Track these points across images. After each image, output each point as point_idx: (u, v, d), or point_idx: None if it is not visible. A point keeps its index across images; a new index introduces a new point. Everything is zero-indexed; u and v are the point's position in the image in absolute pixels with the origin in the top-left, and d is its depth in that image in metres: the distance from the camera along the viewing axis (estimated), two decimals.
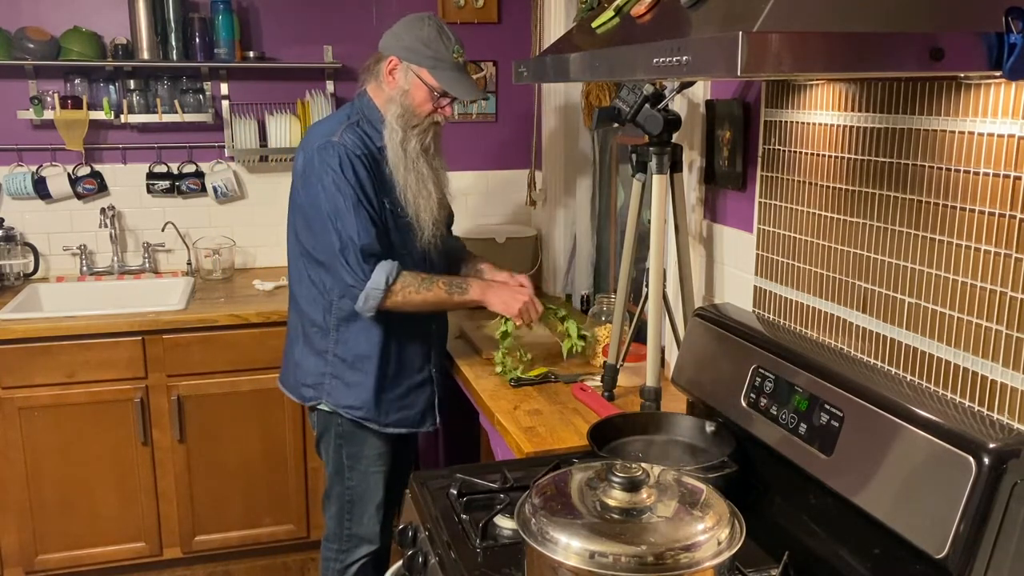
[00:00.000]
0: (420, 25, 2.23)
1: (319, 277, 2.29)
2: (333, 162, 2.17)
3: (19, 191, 3.31)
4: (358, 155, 2.19)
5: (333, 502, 2.45)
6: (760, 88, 1.85)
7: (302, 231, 2.29)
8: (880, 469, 1.30)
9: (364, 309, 2.21)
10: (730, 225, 2.05)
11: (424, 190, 2.27)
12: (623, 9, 1.48)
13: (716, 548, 1.14)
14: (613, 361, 2.17)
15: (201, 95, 3.42)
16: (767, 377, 1.59)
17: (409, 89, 2.23)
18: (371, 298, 2.19)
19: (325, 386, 2.34)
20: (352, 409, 2.32)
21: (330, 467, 2.43)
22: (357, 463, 2.39)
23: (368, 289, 2.18)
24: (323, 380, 2.34)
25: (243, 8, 3.46)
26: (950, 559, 1.16)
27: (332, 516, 2.46)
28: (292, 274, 2.39)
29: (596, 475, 1.26)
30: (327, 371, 2.33)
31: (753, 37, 0.96)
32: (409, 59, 2.22)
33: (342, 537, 2.45)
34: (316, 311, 2.32)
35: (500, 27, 3.30)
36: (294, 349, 2.42)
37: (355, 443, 2.37)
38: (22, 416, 2.90)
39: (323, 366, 2.33)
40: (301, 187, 2.27)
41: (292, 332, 2.45)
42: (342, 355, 2.32)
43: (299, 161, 2.28)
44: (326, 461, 2.46)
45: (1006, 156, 1.26)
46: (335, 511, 2.45)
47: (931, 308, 1.42)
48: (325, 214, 2.18)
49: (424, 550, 1.57)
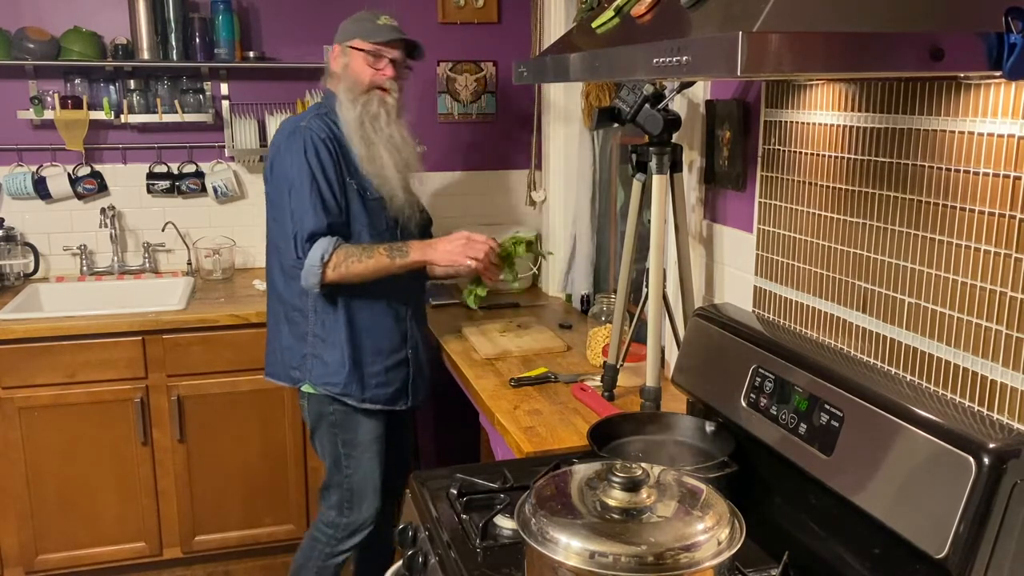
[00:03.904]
0: (356, 14, 2.46)
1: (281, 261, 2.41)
2: (296, 146, 2.30)
3: (19, 191, 3.31)
4: (322, 138, 2.32)
5: (333, 492, 2.51)
6: (760, 88, 1.85)
7: (271, 221, 2.42)
8: (880, 469, 1.30)
9: (308, 286, 2.31)
10: (730, 225, 2.05)
11: (377, 156, 2.37)
12: (623, 9, 1.48)
13: (716, 548, 1.14)
14: (613, 361, 2.17)
15: (201, 95, 3.42)
16: (767, 377, 1.59)
17: (348, 62, 2.40)
18: (311, 275, 2.29)
19: (307, 366, 2.43)
20: (331, 385, 2.40)
21: (328, 459, 2.49)
22: (353, 450, 2.45)
23: (306, 267, 2.28)
24: (305, 361, 2.43)
25: (243, 8, 3.46)
26: (950, 559, 1.16)
27: (333, 505, 2.51)
28: (269, 264, 2.48)
29: (596, 475, 1.26)
30: (308, 351, 2.42)
31: (753, 37, 0.96)
32: (343, 39, 2.42)
33: (340, 526, 2.50)
34: (294, 296, 2.41)
35: (500, 27, 3.30)
36: (280, 336, 2.48)
37: (349, 429, 2.44)
38: (22, 416, 2.90)
39: (304, 347, 2.42)
40: (270, 177, 2.39)
41: (273, 321, 2.52)
42: (320, 334, 2.41)
43: (270, 154, 2.40)
44: (322, 455, 2.51)
45: (1006, 156, 1.26)
46: (335, 500, 2.50)
47: (931, 308, 1.42)
48: (284, 196, 2.31)
49: (424, 550, 1.57)
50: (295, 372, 2.45)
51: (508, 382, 2.31)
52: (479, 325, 2.82)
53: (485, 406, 2.21)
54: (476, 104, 3.37)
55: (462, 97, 3.35)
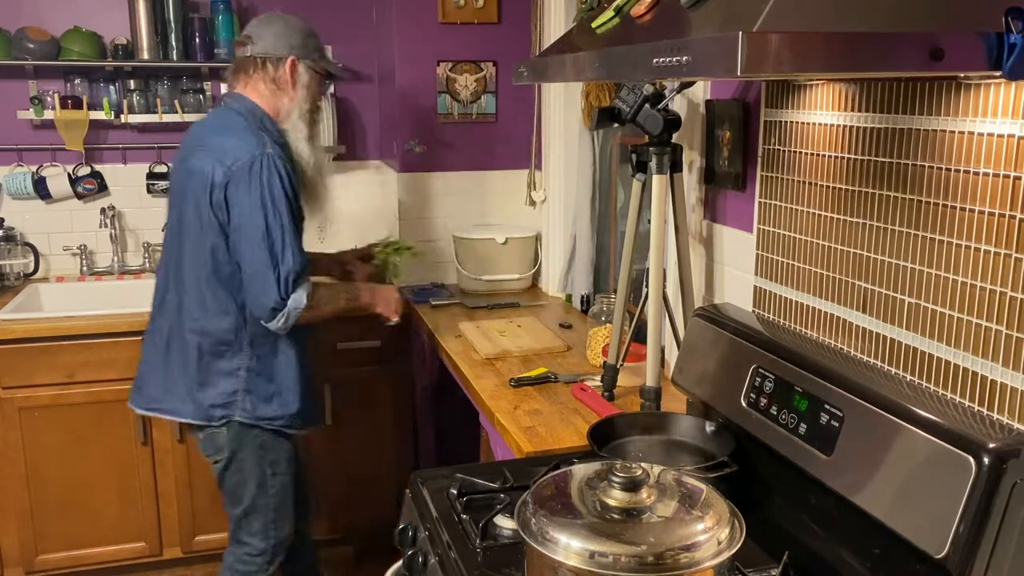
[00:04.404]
0: (290, 21, 2.36)
1: (230, 295, 2.25)
2: (266, 176, 2.15)
3: (19, 191, 3.31)
4: (286, 167, 2.21)
5: (255, 519, 2.41)
6: (760, 88, 1.85)
7: (218, 249, 2.22)
8: (880, 469, 1.30)
9: (282, 327, 2.23)
10: (730, 225, 2.05)
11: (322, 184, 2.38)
12: (623, 9, 1.48)
13: (716, 548, 1.14)
14: (613, 361, 2.17)
15: (201, 95, 3.42)
16: (767, 377, 1.59)
17: (309, 83, 2.32)
18: (291, 317, 2.21)
19: (238, 403, 2.30)
20: (273, 420, 2.33)
21: (249, 484, 2.38)
22: (277, 469, 2.39)
23: (290, 309, 2.20)
24: (235, 398, 2.30)
25: (243, 8, 3.46)
26: (950, 559, 1.16)
27: (256, 532, 2.42)
28: (189, 294, 2.27)
29: (596, 475, 1.26)
30: (239, 388, 2.30)
31: (753, 37, 0.96)
32: (304, 55, 2.32)
33: (267, 550, 2.44)
34: (225, 331, 2.27)
35: (500, 27, 3.30)
36: (192, 373, 2.29)
37: (276, 450, 2.38)
38: (22, 416, 2.91)
39: (234, 383, 2.30)
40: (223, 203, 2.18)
41: (180, 356, 2.30)
42: (258, 370, 2.30)
43: (214, 174, 2.17)
44: (239, 483, 2.38)
45: (1006, 156, 1.26)
46: (259, 527, 2.42)
47: (931, 308, 1.42)
48: (259, 231, 2.15)
49: (424, 550, 1.57)
50: (217, 410, 2.30)
51: (508, 382, 2.31)
52: (479, 325, 2.82)
53: (485, 406, 2.21)
54: (476, 104, 3.37)
55: (462, 97, 3.35)
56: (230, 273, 2.24)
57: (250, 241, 2.17)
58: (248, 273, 2.20)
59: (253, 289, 2.20)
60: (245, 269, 2.20)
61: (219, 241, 2.21)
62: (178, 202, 2.29)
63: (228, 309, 2.26)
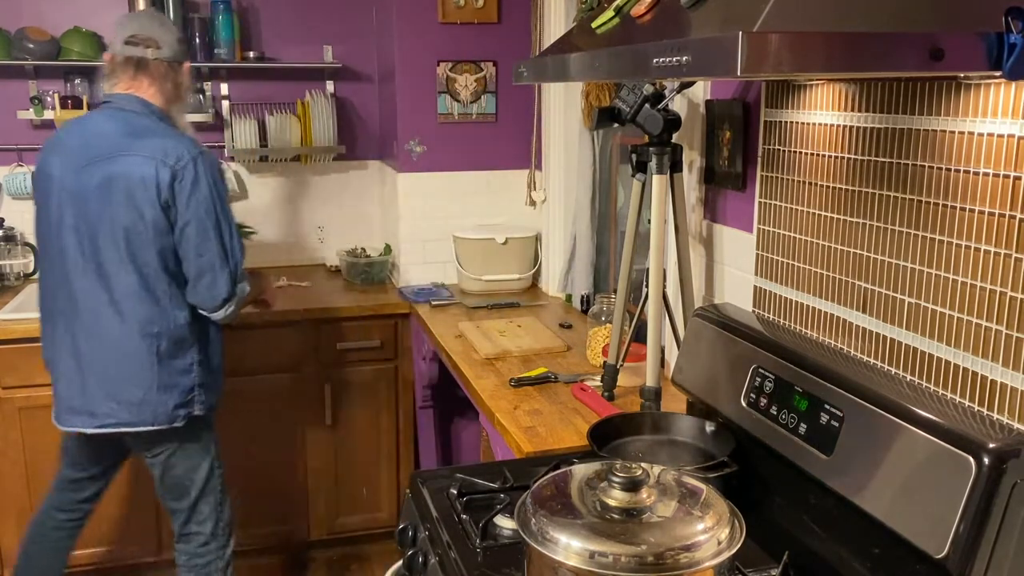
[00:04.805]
0: (163, 19, 2.43)
1: (177, 292, 2.29)
2: (210, 173, 2.26)
3: (19, 191, 3.32)
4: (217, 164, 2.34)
5: (204, 503, 2.46)
6: (760, 88, 1.85)
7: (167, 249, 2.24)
8: (880, 469, 1.30)
9: (230, 316, 2.35)
10: (730, 225, 2.05)
11: None
12: (623, 9, 1.48)
13: (716, 548, 1.14)
14: (613, 361, 2.17)
15: (201, 95, 3.42)
16: (767, 377, 1.59)
17: (190, 83, 2.47)
18: (238, 305, 2.35)
19: (196, 398, 2.36)
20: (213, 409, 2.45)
21: (200, 469, 2.42)
22: (218, 450, 2.49)
23: (238, 297, 2.34)
24: (193, 394, 2.35)
25: (243, 8, 3.46)
26: (950, 559, 1.16)
27: (205, 518, 2.47)
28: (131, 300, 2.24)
29: (596, 475, 1.26)
30: (195, 383, 2.35)
31: (753, 37, 0.96)
32: (187, 57, 2.42)
33: (219, 533, 2.50)
34: (181, 327, 2.30)
35: (500, 27, 3.30)
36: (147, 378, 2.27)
37: (213, 431, 2.49)
38: (22, 416, 2.91)
39: (190, 379, 2.34)
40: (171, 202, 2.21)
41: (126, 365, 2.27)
42: (203, 361, 2.37)
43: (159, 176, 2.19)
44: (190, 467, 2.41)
45: (1006, 156, 1.26)
46: (209, 510, 2.47)
47: (931, 308, 1.42)
48: (211, 226, 2.25)
49: (424, 550, 1.57)
50: (180, 411, 2.32)
51: (508, 382, 2.31)
52: (479, 325, 2.82)
53: (485, 406, 2.21)
54: (476, 104, 3.37)
55: (462, 97, 3.35)
56: (177, 271, 2.28)
57: (202, 236, 2.25)
58: (200, 267, 2.27)
59: (206, 282, 2.28)
60: (196, 263, 2.27)
61: (168, 241, 2.25)
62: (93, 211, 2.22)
63: (182, 306, 2.31)
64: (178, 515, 2.47)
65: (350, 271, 3.48)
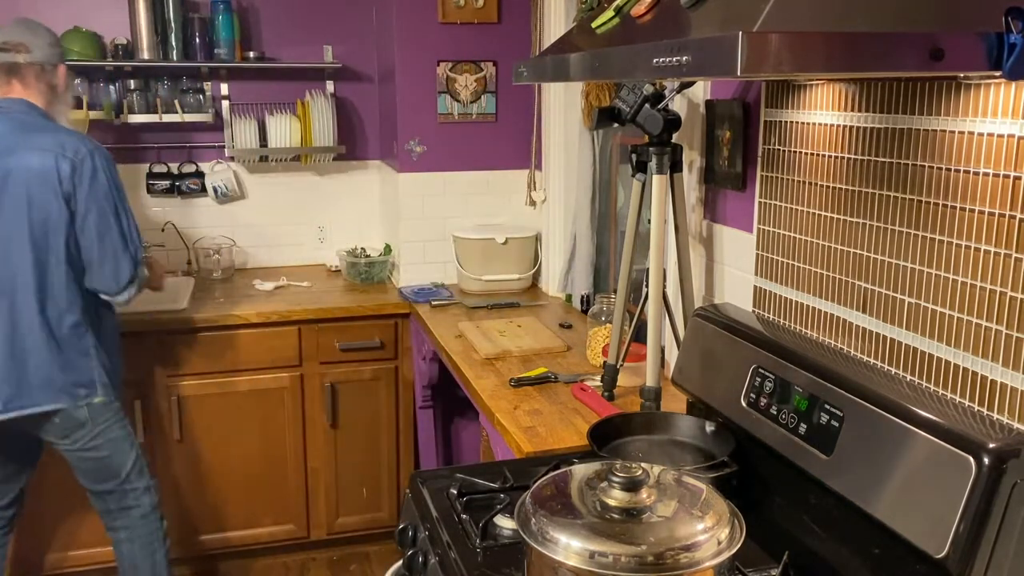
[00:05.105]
0: (34, 25, 2.47)
1: (78, 279, 2.39)
2: (106, 165, 2.38)
3: None
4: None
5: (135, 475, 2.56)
6: (760, 88, 1.85)
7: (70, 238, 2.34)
8: (880, 469, 1.30)
9: (132, 298, 2.46)
10: (730, 225, 2.05)
11: None
12: (623, 9, 1.48)
13: (716, 548, 1.14)
14: (613, 361, 2.17)
15: (201, 95, 3.42)
16: (767, 377, 1.59)
17: (68, 84, 2.53)
18: (138, 288, 2.46)
19: (96, 381, 2.44)
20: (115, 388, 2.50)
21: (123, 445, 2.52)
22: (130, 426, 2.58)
23: (138, 279, 2.44)
24: (93, 375, 2.43)
25: (243, 8, 3.46)
26: (950, 559, 1.16)
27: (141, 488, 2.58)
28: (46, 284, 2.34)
29: (596, 475, 1.26)
30: (94, 364, 2.43)
31: (753, 37, 0.96)
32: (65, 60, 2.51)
33: (155, 498, 2.62)
34: (81, 313, 2.40)
35: (500, 27, 3.30)
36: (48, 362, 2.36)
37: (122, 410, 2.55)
38: None
39: (89, 361, 2.43)
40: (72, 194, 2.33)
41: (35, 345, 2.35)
42: (103, 344, 2.47)
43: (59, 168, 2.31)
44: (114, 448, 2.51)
45: (1006, 156, 1.26)
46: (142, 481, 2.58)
47: (931, 308, 1.42)
48: (111, 214, 2.37)
49: (424, 550, 1.57)
50: (81, 390, 2.41)
51: (508, 382, 2.31)
52: (479, 325, 2.82)
53: (485, 406, 2.21)
54: (476, 104, 3.37)
55: (462, 97, 3.35)
56: (76, 258, 2.37)
57: (104, 224, 2.36)
58: (101, 254, 2.37)
59: (109, 266, 2.38)
60: (99, 249, 2.37)
61: (70, 229, 2.35)
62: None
63: (80, 293, 2.39)
64: (110, 497, 2.56)
65: (350, 271, 3.48)
